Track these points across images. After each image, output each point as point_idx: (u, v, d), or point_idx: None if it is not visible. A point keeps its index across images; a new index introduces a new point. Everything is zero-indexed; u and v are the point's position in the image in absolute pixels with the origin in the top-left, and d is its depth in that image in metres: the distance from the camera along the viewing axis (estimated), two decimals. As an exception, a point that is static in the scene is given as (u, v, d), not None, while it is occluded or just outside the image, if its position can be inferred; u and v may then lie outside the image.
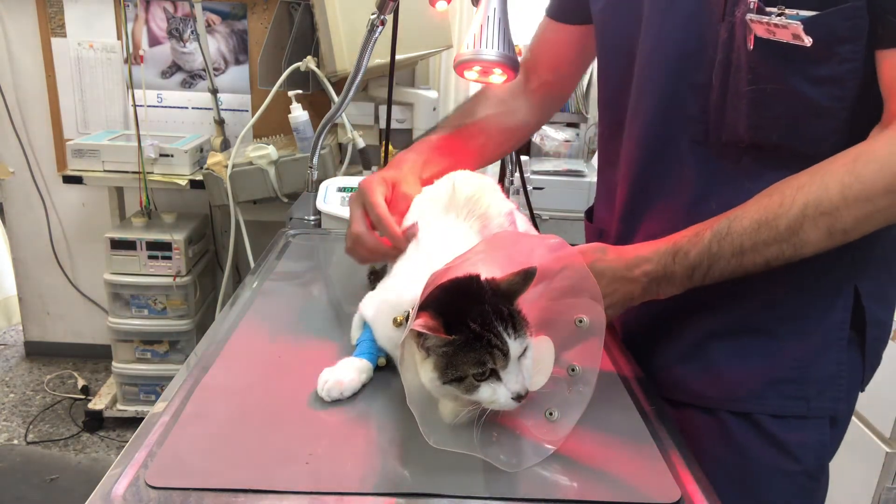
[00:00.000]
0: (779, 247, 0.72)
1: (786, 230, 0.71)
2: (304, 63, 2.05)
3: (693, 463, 0.68)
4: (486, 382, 0.63)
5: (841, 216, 0.69)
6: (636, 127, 0.87)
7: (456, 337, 0.63)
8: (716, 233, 0.75)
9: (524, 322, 0.65)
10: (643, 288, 0.78)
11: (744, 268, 0.74)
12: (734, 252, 0.74)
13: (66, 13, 2.54)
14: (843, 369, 0.82)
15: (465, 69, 0.94)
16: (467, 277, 0.66)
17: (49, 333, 2.97)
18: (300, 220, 1.45)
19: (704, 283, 0.77)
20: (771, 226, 0.72)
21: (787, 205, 0.71)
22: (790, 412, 0.82)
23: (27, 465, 2.11)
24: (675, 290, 0.78)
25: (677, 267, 0.76)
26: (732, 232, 0.74)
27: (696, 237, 0.76)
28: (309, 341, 0.89)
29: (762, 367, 0.83)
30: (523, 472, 0.63)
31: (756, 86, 0.74)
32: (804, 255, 0.72)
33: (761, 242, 0.72)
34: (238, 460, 0.63)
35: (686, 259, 0.76)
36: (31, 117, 2.66)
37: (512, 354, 0.63)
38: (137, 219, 2.43)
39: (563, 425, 0.67)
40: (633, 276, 0.78)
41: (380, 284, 0.88)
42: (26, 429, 2.53)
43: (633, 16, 0.85)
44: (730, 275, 0.75)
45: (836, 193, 0.69)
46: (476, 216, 0.90)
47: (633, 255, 0.79)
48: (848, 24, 0.68)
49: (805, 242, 0.71)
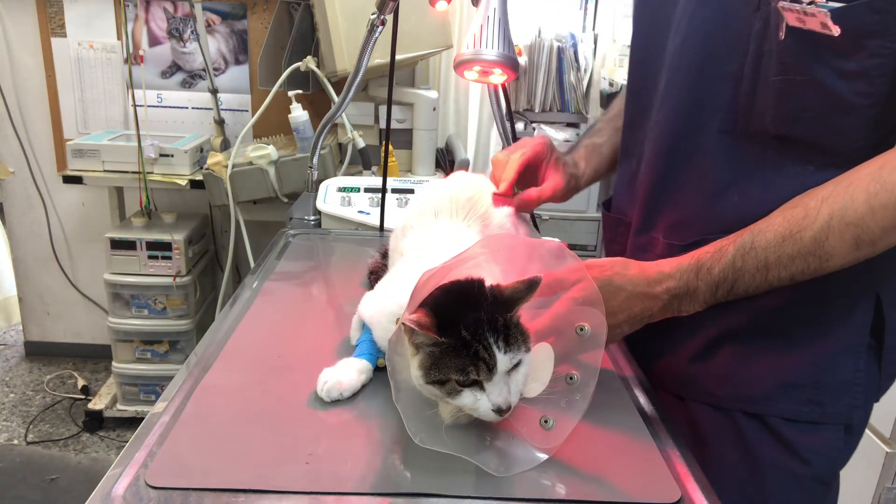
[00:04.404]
0: (804, 260, 0.70)
1: (811, 242, 0.69)
2: (304, 63, 2.05)
3: (693, 463, 0.68)
4: (469, 389, 0.63)
5: (868, 226, 0.67)
6: (663, 115, 0.85)
7: (444, 339, 0.62)
8: (739, 247, 0.73)
9: (520, 335, 0.64)
10: (663, 305, 0.77)
11: (768, 283, 0.73)
12: (759, 267, 0.72)
13: (66, 13, 2.54)
14: (860, 376, 0.79)
15: (465, 69, 0.94)
16: (469, 280, 0.65)
17: (49, 333, 2.97)
18: (300, 220, 1.45)
19: (728, 299, 0.76)
20: (795, 238, 0.70)
21: (812, 216, 0.70)
22: (804, 417, 0.80)
23: (27, 465, 2.11)
24: (698, 306, 0.77)
25: (700, 283, 0.75)
26: (756, 246, 0.73)
27: (719, 252, 0.75)
28: (309, 341, 0.89)
29: (776, 369, 0.80)
30: (523, 473, 0.63)
31: (785, 76, 0.73)
32: (830, 269, 0.70)
33: (786, 256, 0.71)
34: (238, 460, 0.63)
35: (710, 275, 0.75)
36: (31, 117, 2.66)
37: (499, 368, 0.62)
38: (137, 219, 2.43)
39: (558, 433, 0.66)
40: (655, 293, 0.77)
41: (378, 285, 0.88)
42: (26, 429, 2.53)
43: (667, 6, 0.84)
44: (754, 290, 0.74)
45: (861, 203, 0.67)
46: (476, 217, 0.90)
47: (654, 271, 0.77)
48: (876, 17, 0.66)
49: (831, 255, 0.69)
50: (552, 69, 3.00)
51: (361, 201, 1.49)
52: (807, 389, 0.79)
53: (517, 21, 3.03)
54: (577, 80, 3.02)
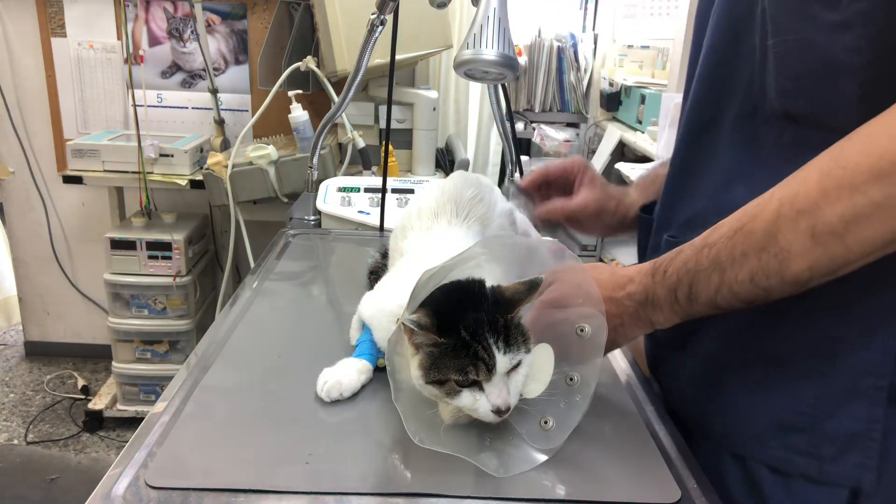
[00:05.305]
0: (757, 257, 0.58)
1: (763, 236, 0.58)
2: (304, 63, 2.05)
3: (693, 463, 0.68)
4: (468, 390, 0.63)
5: (822, 213, 0.54)
6: (687, 106, 0.78)
7: (444, 339, 0.62)
8: (693, 245, 0.64)
9: (521, 336, 0.64)
10: (631, 313, 0.69)
11: (729, 286, 0.60)
12: (713, 266, 0.61)
13: (66, 13, 2.54)
14: (875, 429, 0.62)
15: (465, 69, 0.94)
16: (470, 281, 0.65)
17: (49, 333, 2.97)
18: (300, 220, 1.45)
19: (695, 308, 0.64)
20: (746, 231, 0.59)
21: (764, 203, 0.58)
22: (795, 469, 0.65)
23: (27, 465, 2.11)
24: (665, 316, 0.67)
25: (658, 287, 0.66)
26: (710, 243, 0.62)
27: (675, 252, 0.65)
28: (309, 341, 0.89)
29: (769, 405, 0.66)
30: (524, 473, 0.63)
31: (777, 38, 0.64)
32: (796, 273, 0.57)
33: (739, 252, 0.59)
34: (238, 460, 0.63)
35: (665, 277, 0.65)
36: (31, 117, 2.66)
37: (498, 369, 0.62)
38: (137, 219, 2.43)
39: (557, 435, 0.66)
40: (618, 298, 0.69)
41: (378, 284, 0.88)
42: (26, 429, 2.53)
43: None
44: (719, 297, 0.62)
45: (814, 185, 0.55)
46: (476, 217, 0.90)
47: (621, 275, 0.70)
48: None
49: (788, 252, 0.56)
50: (552, 69, 3.00)
51: (361, 201, 1.49)
52: (802, 436, 0.64)
53: (517, 21, 3.03)
54: (577, 80, 3.02)
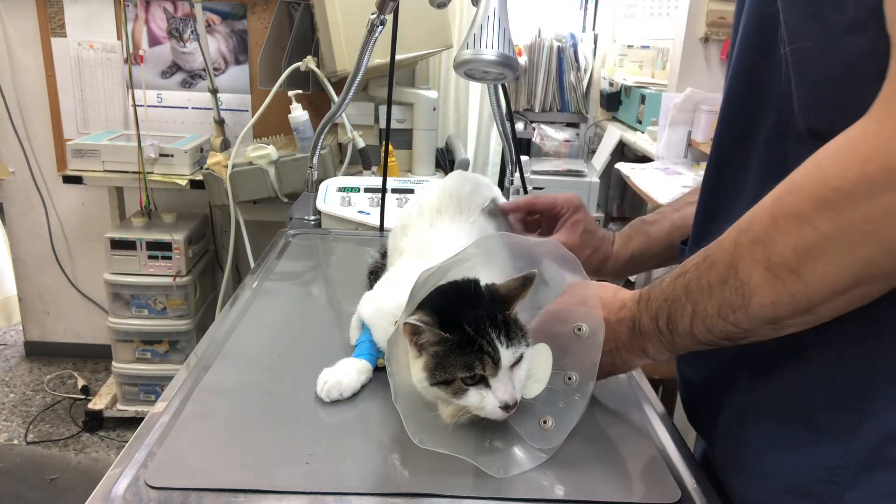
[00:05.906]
0: (721, 290, 0.54)
1: (724, 268, 0.54)
2: (304, 63, 2.05)
3: (693, 463, 0.68)
4: (475, 388, 0.63)
5: (775, 245, 0.49)
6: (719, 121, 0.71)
7: (450, 336, 0.62)
8: (674, 272, 0.60)
9: (520, 331, 0.65)
10: (625, 340, 0.66)
11: (702, 320, 0.56)
12: (686, 295, 0.57)
13: (66, 13, 2.54)
14: None
15: (464, 69, 0.93)
16: (465, 281, 0.66)
17: (49, 333, 2.97)
18: (300, 220, 1.45)
19: (679, 340, 0.60)
20: (710, 261, 0.55)
21: (727, 231, 0.55)
22: None
23: (27, 465, 2.11)
24: (654, 346, 0.63)
25: (643, 315, 0.63)
26: (684, 269, 0.58)
27: (661, 279, 0.62)
28: (309, 341, 0.89)
29: (790, 465, 0.57)
30: (523, 473, 0.63)
31: (793, 45, 0.58)
32: (759, 309, 0.52)
33: (705, 283, 0.55)
34: (238, 460, 0.63)
35: (648, 305, 0.63)
36: (31, 117, 2.66)
37: (503, 363, 0.63)
38: (137, 219, 2.43)
39: (557, 434, 0.66)
40: (612, 322, 0.67)
41: (377, 284, 0.88)
42: (26, 429, 2.53)
43: None
44: (697, 331, 0.57)
45: (766, 212, 0.51)
46: (476, 217, 0.90)
47: (620, 297, 0.68)
48: None
49: (749, 287, 0.52)
50: (552, 69, 3.00)
51: (361, 201, 1.49)
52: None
53: (517, 21, 3.03)
54: (577, 80, 3.02)
